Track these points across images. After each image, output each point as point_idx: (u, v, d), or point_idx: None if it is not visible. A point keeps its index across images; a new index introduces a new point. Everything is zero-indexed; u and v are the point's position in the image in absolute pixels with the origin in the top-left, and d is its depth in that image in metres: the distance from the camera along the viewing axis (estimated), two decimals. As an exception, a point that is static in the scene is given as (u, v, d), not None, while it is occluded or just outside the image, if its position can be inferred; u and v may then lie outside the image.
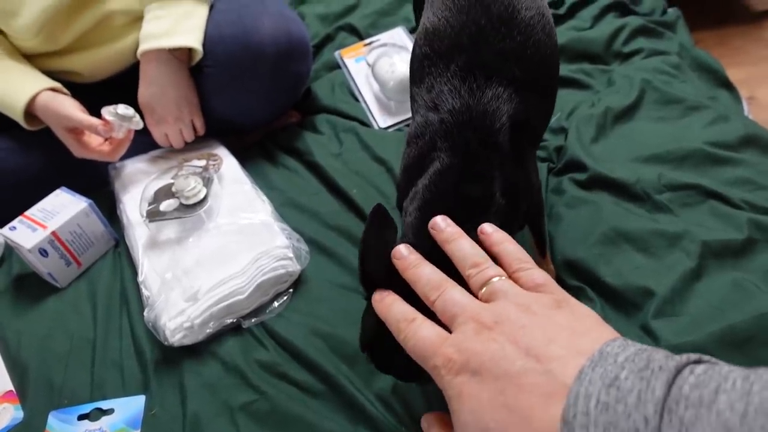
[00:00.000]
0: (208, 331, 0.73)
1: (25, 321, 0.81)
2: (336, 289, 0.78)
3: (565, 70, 1.00)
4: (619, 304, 0.69)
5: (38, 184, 0.89)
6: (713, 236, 0.69)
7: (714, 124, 0.85)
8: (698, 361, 0.29)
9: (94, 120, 0.86)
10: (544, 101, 0.62)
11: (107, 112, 0.87)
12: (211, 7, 0.92)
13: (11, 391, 0.73)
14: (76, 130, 0.89)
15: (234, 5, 0.93)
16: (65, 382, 0.73)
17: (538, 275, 0.40)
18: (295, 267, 0.78)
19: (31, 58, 0.93)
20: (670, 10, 1.15)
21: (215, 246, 0.79)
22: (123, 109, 0.87)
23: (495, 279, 0.39)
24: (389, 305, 0.43)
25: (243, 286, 0.75)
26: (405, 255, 0.44)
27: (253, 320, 0.75)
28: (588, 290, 0.70)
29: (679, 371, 0.28)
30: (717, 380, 0.26)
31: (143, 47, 0.88)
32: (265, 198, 0.88)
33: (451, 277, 0.42)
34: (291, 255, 0.78)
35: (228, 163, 0.93)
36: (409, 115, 1.01)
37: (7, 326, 0.81)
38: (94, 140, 0.91)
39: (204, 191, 0.83)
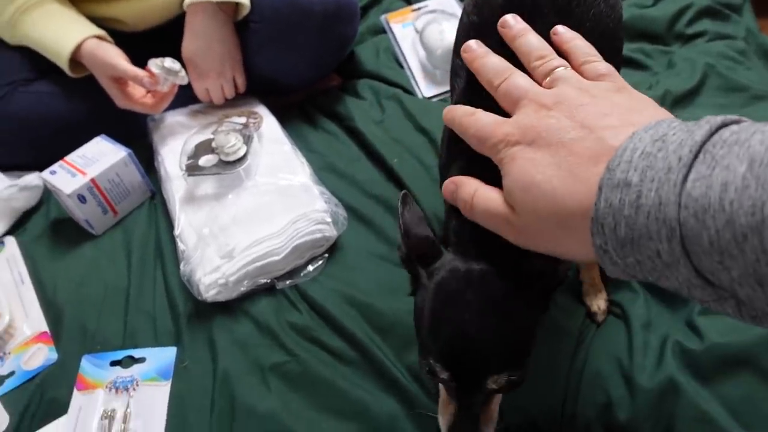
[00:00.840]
0: (241, 289, 0.73)
1: (60, 265, 0.82)
2: (371, 258, 0.77)
3: (625, 48, 0.95)
4: (665, 299, 0.67)
5: (78, 130, 0.89)
6: None
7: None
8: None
9: (139, 71, 0.85)
10: None
11: (154, 64, 0.86)
12: None
13: (46, 332, 0.74)
14: (121, 80, 0.88)
15: None
16: (98, 328, 0.74)
17: (603, 67, 0.40)
18: (332, 232, 0.77)
19: (77, 4, 0.91)
20: (736, -8, 1.09)
21: (253, 205, 0.78)
22: (170, 62, 0.86)
23: (559, 69, 0.40)
24: (452, 109, 0.44)
25: (279, 247, 0.74)
26: (474, 47, 0.45)
27: (287, 282, 0.74)
28: (633, 283, 0.68)
29: (725, 124, 0.29)
30: (757, 127, 0.27)
31: None
32: (304, 160, 0.86)
33: None
34: (329, 219, 0.77)
35: (268, 123, 0.91)
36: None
37: (43, 269, 0.81)
38: (137, 91, 0.90)
39: (244, 148, 0.82)
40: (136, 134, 0.95)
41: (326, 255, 0.78)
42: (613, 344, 0.65)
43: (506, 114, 0.41)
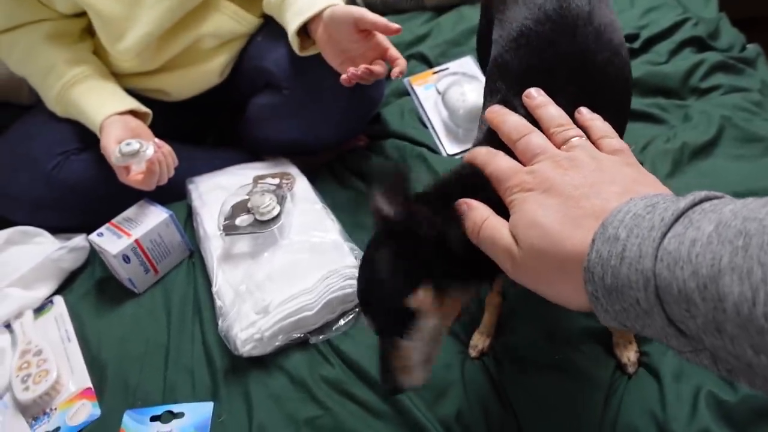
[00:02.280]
0: (276, 344, 0.76)
1: (104, 322, 0.86)
2: (400, 311, 0.79)
3: (640, 104, 0.99)
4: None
5: (123, 194, 0.94)
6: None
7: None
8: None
9: (112, 161, 0.87)
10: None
11: (113, 152, 0.87)
12: None
13: (90, 388, 0.78)
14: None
15: None
16: (140, 384, 0.77)
17: (617, 143, 0.44)
18: (362, 287, 0.79)
19: (124, 78, 1.00)
20: (749, 46, 1.12)
21: (287, 262, 0.82)
22: (124, 146, 0.85)
23: (576, 138, 0.44)
24: (475, 150, 0.48)
25: (312, 302, 0.77)
26: (497, 108, 0.49)
27: (320, 337, 0.77)
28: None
29: (708, 198, 0.32)
30: (733, 201, 0.31)
31: (320, 6, 0.86)
32: (334, 218, 0.90)
33: None
34: (359, 275, 0.79)
35: (300, 183, 0.96)
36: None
37: (88, 326, 0.86)
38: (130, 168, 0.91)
39: (278, 208, 0.86)
40: (176, 196, 1.01)
41: (357, 309, 0.80)
42: (645, 396, 0.65)
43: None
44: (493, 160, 0.45)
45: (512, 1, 0.62)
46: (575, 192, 0.38)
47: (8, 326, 0.86)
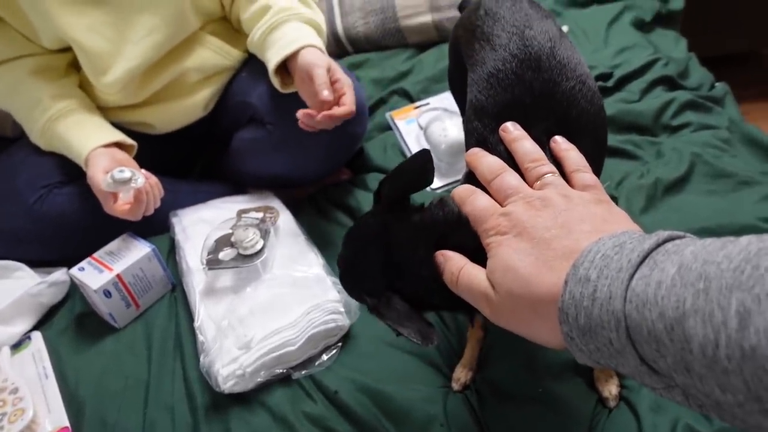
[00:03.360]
0: (258, 379, 0.75)
1: (83, 358, 0.85)
2: (383, 345, 0.79)
3: (614, 140, 1.02)
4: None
5: (105, 227, 0.94)
6: None
7: (766, 200, 0.85)
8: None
9: (102, 187, 0.86)
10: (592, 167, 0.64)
11: (105, 179, 0.86)
12: None
13: (67, 427, 0.76)
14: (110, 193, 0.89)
15: None
16: (118, 422, 0.75)
17: (589, 178, 0.46)
18: (345, 321, 0.80)
19: (109, 111, 1.00)
20: (718, 84, 1.17)
21: (269, 296, 0.82)
22: (117, 173, 0.85)
23: (548, 175, 0.46)
24: (459, 189, 0.49)
25: (294, 337, 0.77)
26: (474, 151, 0.51)
27: (302, 372, 0.77)
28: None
29: (671, 238, 0.34)
30: (694, 242, 0.32)
31: (295, 46, 0.88)
32: (317, 251, 0.91)
33: None
34: (342, 309, 0.80)
35: (284, 217, 0.97)
36: (459, 176, 1.04)
37: (66, 363, 0.84)
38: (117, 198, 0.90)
39: (261, 242, 0.87)
40: (159, 229, 1.01)
41: (340, 344, 0.80)
42: (624, 429, 0.65)
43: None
44: (470, 200, 0.47)
45: (479, 46, 0.65)
46: (546, 234, 0.40)
47: (-17, 363, 0.85)
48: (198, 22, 0.99)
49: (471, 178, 0.54)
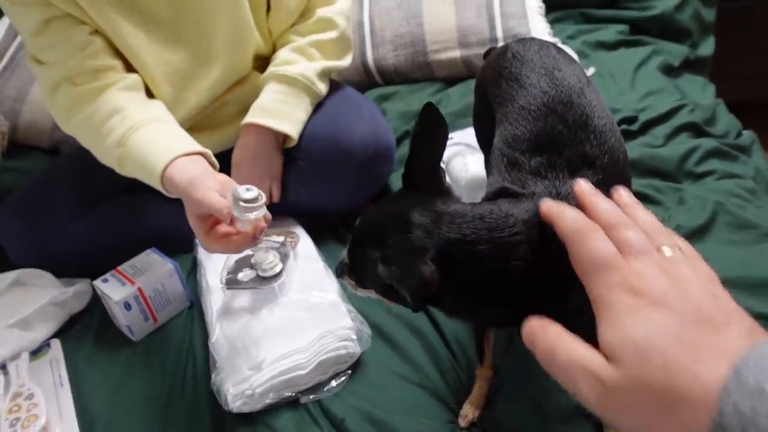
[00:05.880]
0: (266, 401, 0.76)
1: (98, 370, 0.87)
2: (393, 376, 0.79)
3: (636, 185, 1.02)
4: None
5: (131, 249, 0.96)
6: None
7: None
8: None
9: (224, 204, 0.70)
10: None
11: (231, 198, 0.70)
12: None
13: (77, 437, 0.77)
14: (210, 218, 0.75)
15: (332, 108, 1.03)
16: (127, 435, 0.76)
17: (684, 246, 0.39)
18: (356, 349, 0.80)
19: None
20: (745, 132, 1.17)
21: (284, 319, 0.83)
22: (244, 191, 0.69)
23: (667, 248, 0.37)
24: (562, 210, 0.40)
25: (305, 361, 0.77)
26: (586, 189, 0.42)
27: (311, 397, 0.77)
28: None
29: None
30: None
31: (254, 119, 0.95)
32: (334, 278, 0.92)
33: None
34: (354, 336, 0.80)
35: (304, 242, 0.99)
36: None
37: (82, 372, 0.86)
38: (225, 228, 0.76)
39: (280, 266, 0.88)
40: (184, 249, 1.03)
41: (349, 371, 0.80)
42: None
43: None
44: (590, 236, 0.37)
45: (507, 86, 0.68)
46: (691, 315, 0.33)
47: (3, 367, 0.87)
48: (252, 65, 1.03)
49: None
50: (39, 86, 0.96)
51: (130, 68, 0.92)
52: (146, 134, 0.83)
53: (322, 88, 1.02)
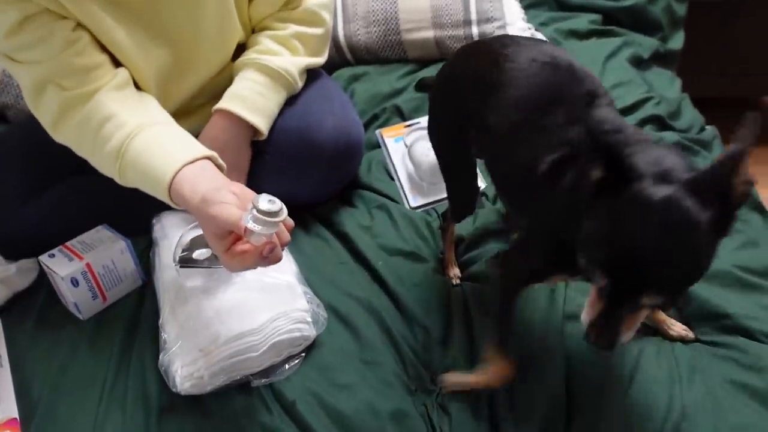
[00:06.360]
0: (217, 383, 0.74)
1: (41, 349, 0.83)
2: (347, 359, 0.78)
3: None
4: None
5: (86, 230, 0.92)
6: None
7: (743, 249, 0.85)
8: None
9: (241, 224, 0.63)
10: None
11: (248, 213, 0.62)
12: None
13: (15, 419, 0.74)
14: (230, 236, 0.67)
15: (303, 100, 1.00)
16: (69, 418, 0.74)
17: None
18: (311, 332, 0.79)
19: None
20: (708, 128, 1.18)
21: (237, 300, 0.81)
22: (266, 202, 0.62)
23: None
24: None
25: (258, 343, 0.75)
26: None
27: (262, 380, 0.75)
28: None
29: None
30: None
31: (229, 106, 0.91)
32: (293, 260, 0.90)
33: None
34: (309, 319, 0.79)
35: (263, 222, 0.96)
36: (440, 196, 1.04)
37: (24, 353, 0.82)
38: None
39: (237, 245, 0.86)
40: (140, 232, 0.98)
41: (303, 354, 0.79)
42: None
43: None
44: None
45: (507, 67, 0.70)
46: None
47: (-61, 345, 0.83)
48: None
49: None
50: (19, 85, 0.84)
51: (116, 61, 0.86)
52: (145, 142, 0.76)
53: (300, 84, 1.00)
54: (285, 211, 0.63)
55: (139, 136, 0.77)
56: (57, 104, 0.80)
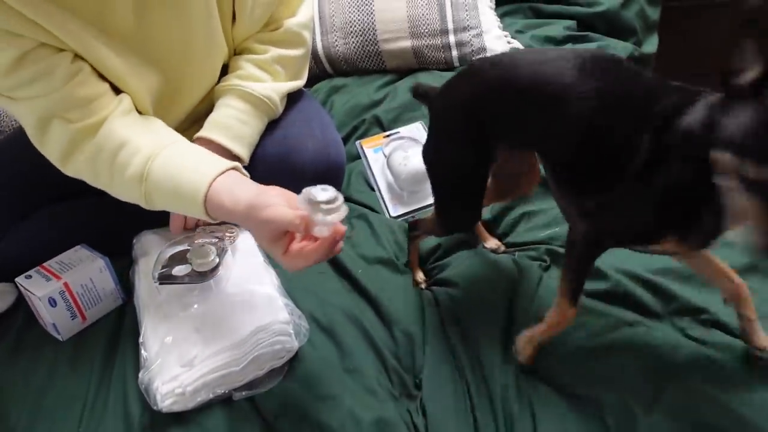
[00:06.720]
0: (198, 399, 0.73)
1: (19, 370, 0.82)
2: (329, 369, 0.78)
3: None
4: None
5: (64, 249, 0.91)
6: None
7: (723, 247, 0.86)
8: None
9: (296, 215, 0.63)
10: None
11: (304, 200, 0.63)
12: None
13: (-6, 442, 0.73)
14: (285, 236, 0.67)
15: (284, 123, 1.00)
16: (48, 440, 0.73)
17: None
18: (293, 344, 0.78)
19: None
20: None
21: (218, 314, 0.80)
22: (320, 192, 0.62)
23: None
24: None
25: (239, 357, 0.75)
26: None
27: (244, 393, 0.75)
28: None
29: None
30: None
31: (209, 134, 0.91)
32: (273, 273, 0.90)
33: None
34: (291, 331, 0.79)
35: (243, 237, 0.96)
36: (420, 205, 1.05)
37: (2, 377, 0.81)
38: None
39: (217, 260, 0.85)
40: (121, 251, 0.97)
41: (286, 367, 0.79)
42: None
43: None
44: None
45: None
46: None
47: None
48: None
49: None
50: (21, 124, 0.83)
51: (115, 89, 0.85)
52: (167, 162, 0.76)
53: (281, 109, 1.00)
54: (341, 195, 0.63)
55: (159, 157, 0.76)
56: (65, 138, 0.79)
